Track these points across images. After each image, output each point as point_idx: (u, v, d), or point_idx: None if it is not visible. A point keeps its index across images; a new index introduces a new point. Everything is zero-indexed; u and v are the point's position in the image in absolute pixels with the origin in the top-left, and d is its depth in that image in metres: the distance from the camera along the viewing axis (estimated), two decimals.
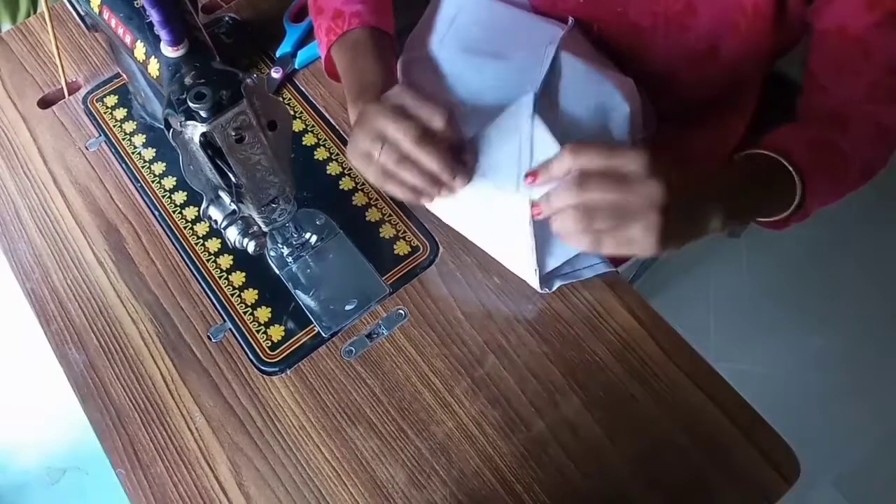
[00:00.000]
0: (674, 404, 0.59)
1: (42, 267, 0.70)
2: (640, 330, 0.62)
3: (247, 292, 0.66)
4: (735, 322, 1.41)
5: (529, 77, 0.64)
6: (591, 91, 0.64)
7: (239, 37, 0.84)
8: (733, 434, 0.57)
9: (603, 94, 0.64)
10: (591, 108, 0.64)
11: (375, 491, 0.57)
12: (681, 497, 0.56)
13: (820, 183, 0.60)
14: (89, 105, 0.80)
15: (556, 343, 0.62)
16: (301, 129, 0.76)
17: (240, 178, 0.53)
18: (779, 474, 0.56)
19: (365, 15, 0.67)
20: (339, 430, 0.60)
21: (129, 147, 0.76)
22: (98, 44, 0.85)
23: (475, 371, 0.61)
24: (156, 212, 0.72)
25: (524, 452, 0.58)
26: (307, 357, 0.63)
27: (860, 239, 1.48)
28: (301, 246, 0.68)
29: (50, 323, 0.67)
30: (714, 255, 1.47)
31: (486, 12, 0.71)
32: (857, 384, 1.34)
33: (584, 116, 0.64)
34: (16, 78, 0.83)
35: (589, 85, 0.64)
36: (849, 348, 1.37)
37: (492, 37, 0.69)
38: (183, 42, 0.54)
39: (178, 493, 0.58)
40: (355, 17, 0.67)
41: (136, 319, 0.66)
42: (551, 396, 0.60)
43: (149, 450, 0.60)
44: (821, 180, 0.60)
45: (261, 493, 0.58)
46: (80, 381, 0.63)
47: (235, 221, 0.58)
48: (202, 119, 0.48)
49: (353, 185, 0.72)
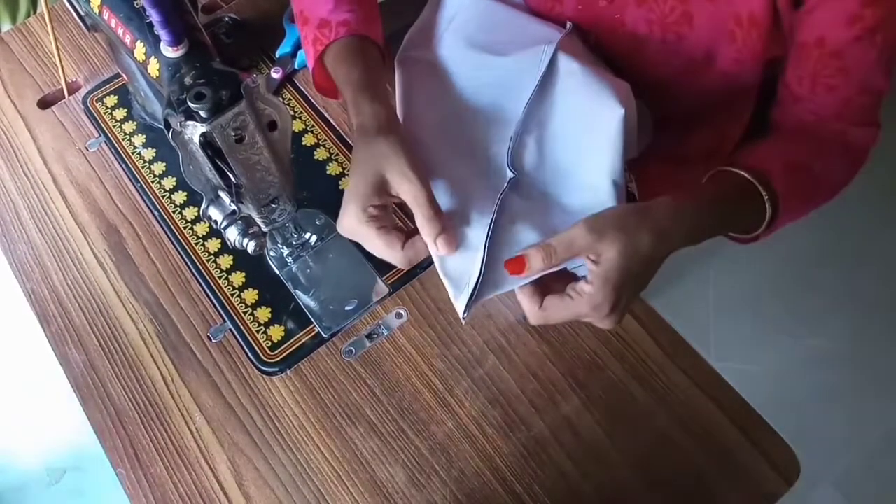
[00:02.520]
0: (674, 404, 0.59)
1: (42, 267, 0.70)
2: (640, 330, 0.62)
3: (247, 292, 0.67)
4: (735, 322, 1.41)
5: (527, 76, 0.64)
6: (586, 93, 0.64)
7: (239, 37, 0.84)
8: (733, 434, 0.57)
9: (598, 96, 0.64)
10: (584, 112, 0.63)
11: (375, 491, 0.57)
12: (680, 497, 0.56)
13: (793, 204, 0.61)
14: (89, 105, 0.80)
15: (556, 343, 0.62)
16: (301, 129, 0.76)
17: (240, 178, 0.53)
18: (779, 474, 0.56)
19: (353, 24, 0.64)
20: (339, 430, 0.60)
21: (129, 147, 0.76)
22: (98, 44, 0.85)
23: (475, 371, 0.61)
24: (156, 212, 0.72)
25: (524, 452, 0.58)
26: (307, 357, 0.63)
27: (860, 239, 1.48)
28: (301, 246, 0.68)
29: (50, 323, 0.67)
30: (714, 255, 1.47)
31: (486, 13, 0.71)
32: (857, 384, 1.34)
33: (577, 120, 0.64)
34: (16, 78, 0.83)
35: (584, 86, 0.64)
36: (849, 348, 1.37)
37: (490, 36, 0.69)
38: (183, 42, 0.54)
39: (178, 493, 0.58)
40: (342, 27, 0.64)
41: (136, 319, 0.66)
42: (551, 396, 0.60)
43: (149, 450, 0.60)
44: (794, 203, 0.61)
45: (261, 493, 0.58)
46: (80, 381, 0.63)
47: (235, 221, 0.58)
48: (202, 119, 0.48)
49: None
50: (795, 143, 0.65)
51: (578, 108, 0.64)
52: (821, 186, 0.65)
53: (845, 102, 0.62)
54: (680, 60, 0.68)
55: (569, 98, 0.64)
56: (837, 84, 0.61)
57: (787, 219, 0.63)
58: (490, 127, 0.65)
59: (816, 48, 0.59)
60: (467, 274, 0.56)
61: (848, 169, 0.66)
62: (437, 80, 0.69)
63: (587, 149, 0.62)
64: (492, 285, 0.56)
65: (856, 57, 0.58)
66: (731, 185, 0.61)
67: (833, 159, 0.64)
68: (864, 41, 0.57)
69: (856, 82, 0.60)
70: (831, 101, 0.62)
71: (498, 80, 0.66)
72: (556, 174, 0.63)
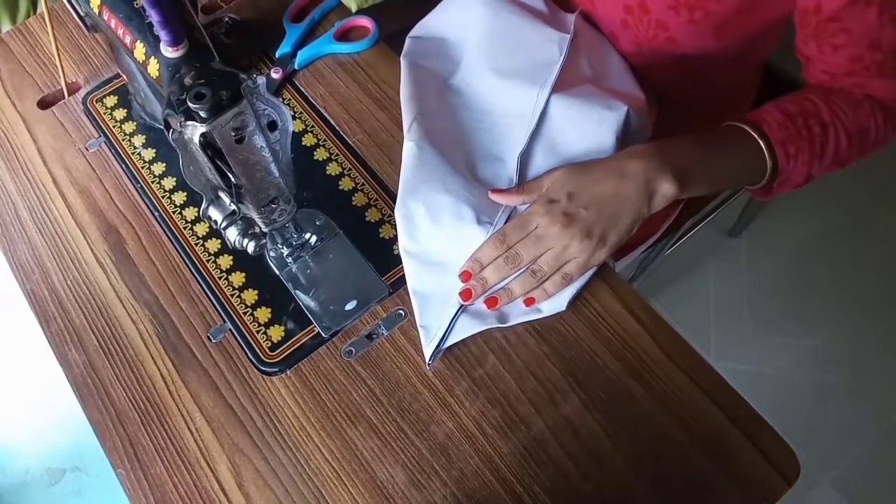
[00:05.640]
0: (674, 404, 0.59)
1: (42, 267, 0.70)
2: (640, 330, 0.62)
3: (247, 293, 0.67)
4: (735, 322, 1.41)
5: (526, 105, 0.68)
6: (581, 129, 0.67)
7: (239, 37, 0.84)
8: (733, 434, 0.57)
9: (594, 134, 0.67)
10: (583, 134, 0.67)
11: (375, 491, 0.57)
12: (680, 497, 0.56)
13: (798, 150, 0.62)
14: (89, 106, 0.80)
15: (555, 343, 0.62)
16: (301, 129, 0.76)
17: (239, 178, 0.53)
18: (779, 474, 0.56)
19: None
20: (339, 431, 0.60)
21: (129, 147, 0.76)
22: (98, 44, 0.85)
23: (475, 371, 0.61)
24: (156, 212, 0.72)
25: (524, 452, 0.58)
26: (307, 357, 0.63)
27: (860, 239, 1.48)
28: (301, 246, 0.68)
29: (50, 323, 0.67)
30: (714, 254, 1.47)
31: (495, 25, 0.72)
32: (857, 384, 1.34)
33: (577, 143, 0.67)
34: (15, 78, 0.83)
35: (582, 120, 0.67)
36: (848, 348, 1.37)
37: (499, 52, 0.71)
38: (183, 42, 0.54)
39: (178, 494, 0.58)
40: None
41: (136, 320, 0.66)
42: (551, 396, 0.60)
43: (149, 450, 0.60)
44: (799, 147, 0.62)
45: (261, 493, 0.58)
46: (80, 382, 0.63)
47: (235, 222, 0.58)
48: (202, 119, 0.48)
49: (352, 186, 0.72)
50: (801, 95, 0.65)
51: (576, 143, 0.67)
52: (833, 133, 0.63)
53: (855, 59, 0.62)
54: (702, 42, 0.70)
55: (567, 135, 0.67)
56: (842, 43, 0.61)
57: (804, 168, 0.64)
58: (492, 157, 0.69)
59: (814, 15, 0.60)
60: (437, 324, 0.61)
61: (878, 121, 0.65)
62: (443, 94, 0.71)
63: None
64: (459, 332, 0.62)
65: (855, 18, 0.59)
66: (723, 131, 0.64)
67: (847, 106, 0.64)
68: (859, 3, 0.57)
69: (862, 40, 0.60)
70: (839, 59, 0.63)
71: (502, 110, 0.70)
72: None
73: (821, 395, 1.33)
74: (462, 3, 0.75)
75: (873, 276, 1.44)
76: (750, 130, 0.62)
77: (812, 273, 1.45)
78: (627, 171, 0.60)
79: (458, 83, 0.72)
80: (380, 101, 0.77)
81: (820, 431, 1.29)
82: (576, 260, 0.60)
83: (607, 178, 0.60)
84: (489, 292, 0.62)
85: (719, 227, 1.48)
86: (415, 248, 0.64)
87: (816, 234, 1.48)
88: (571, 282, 0.61)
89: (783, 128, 0.62)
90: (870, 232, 1.48)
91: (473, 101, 0.71)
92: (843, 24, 0.59)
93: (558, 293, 0.62)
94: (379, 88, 0.78)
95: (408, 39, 0.76)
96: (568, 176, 0.62)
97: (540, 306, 0.62)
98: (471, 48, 0.73)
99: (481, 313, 0.62)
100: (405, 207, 0.64)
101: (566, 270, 0.61)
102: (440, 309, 0.62)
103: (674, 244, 1.07)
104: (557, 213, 0.60)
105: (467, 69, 0.72)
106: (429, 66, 0.73)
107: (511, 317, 0.62)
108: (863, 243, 1.47)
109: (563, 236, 0.59)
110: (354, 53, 0.81)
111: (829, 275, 1.44)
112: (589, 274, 0.63)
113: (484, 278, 0.61)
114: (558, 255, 0.60)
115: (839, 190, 1.50)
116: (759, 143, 0.62)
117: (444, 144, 0.67)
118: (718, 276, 1.46)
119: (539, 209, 0.61)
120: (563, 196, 0.61)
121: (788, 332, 1.39)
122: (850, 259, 1.46)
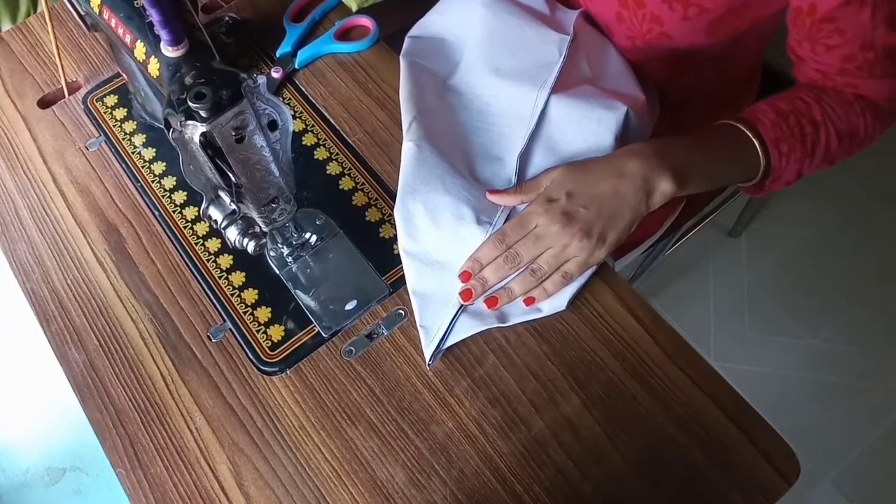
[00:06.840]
0: (674, 404, 0.59)
1: (42, 267, 0.70)
2: (640, 330, 0.62)
3: (247, 292, 0.66)
4: (735, 322, 1.41)
5: (525, 111, 0.68)
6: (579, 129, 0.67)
7: (239, 37, 0.84)
8: (733, 434, 0.57)
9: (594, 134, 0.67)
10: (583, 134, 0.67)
11: (375, 491, 0.57)
12: (680, 497, 0.56)
13: (790, 148, 0.63)
14: (89, 105, 0.80)
15: (556, 343, 0.62)
16: (301, 129, 0.76)
17: (240, 178, 0.53)
18: (779, 474, 0.56)
19: None
20: (339, 430, 0.60)
21: (129, 147, 0.76)
22: (98, 44, 0.85)
23: (475, 371, 0.61)
24: (156, 212, 0.72)
25: (524, 452, 0.58)
26: (307, 357, 0.63)
27: (860, 239, 1.48)
28: (301, 246, 0.68)
29: (50, 323, 0.67)
30: (714, 255, 1.47)
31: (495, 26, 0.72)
32: (857, 384, 1.34)
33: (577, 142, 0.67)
34: (16, 78, 0.83)
35: (581, 120, 0.67)
36: (848, 348, 1.37)
37: (499, 53, 0.71)
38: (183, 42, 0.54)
39: (178, 494, 0.58)
40: None
41: (136, 319, 0.66)
42: (551, 396, 0.60)
43: (149, 450, 0.60)
44: (791, 145, 0.63)
45: (261, 493, 0.58)
46: (80, 381, 0.63)
47: (235, 221, 0.58)
48: (202, 119, 0.48)
49: (352, 185, 0.72)
50: (793, 94, 0.66)
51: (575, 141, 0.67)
52: (824, 132, 0.64)
53: (847, 59, 0.62)
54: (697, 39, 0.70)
55: (567, 135, 0.68)
56: (836, 44, 0.61)
57: (796, 166, 0.64)
58: (491, 157, 0.69)
59: (809, 15, 0.61)
60: (437, 325, 0.62)
61: (868, 121, 0.65)
62: (443, 94, 0.70)
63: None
64: (459, 332, 0.62)
65: (848, 19, 0.59)
66: (719, 129, 0.64)
67: (838, 106, 0.64)
68: (854, 3, 0.57)
69: (855, 40, 0.60)
70: (832, 59, 0.63)
71: (502, 110, 0.70)
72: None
73: (821, 395, 1.33)
74: (461, 3, 0.75)
75: (873, 275, 1.44)
76: (744, 129, 0.63)
77: (812, 273, 1.45)
78: (626, 169, 0.60)
79: (457, 83, 0.72)
80: (380, 101, 0.77)
81: (820, 431, 1.29)
82: (575, 259, 0.60)
83: (606, 176, 0.61)
84: (489, 292, 0.62)
85: (719, 227, 1.48)
86: (414, 247, 0.64)
87: (816, 234, 1.48)
88: (571, 281, 0.62)
89: (776, 126, 0.63)
90: (870, 232, 1.48)
91: (473, 102, 0.71)
92: (837, 24, 0.59)
93: (558, 292, 0.62)
94: (379, 88, 0.78)
95: (407, 39, 0.76)
96: (566, 175, 0.62)
97: (540, 306, 0.62)
98: (470, 48, 0.73)
99: (481, 313, 0.62)
100: (404, 207, 0.64)
101: (566, 269, 0.61)
102: (440, 309, 0.62)
103: (674, 244, 1.07)
104: (556, 212, 0.60)
105: (467, 69, 0.72)
106: (428, 66, 0.73)
107: (511, 316, 0.62)
108: (863, 243, 1.47)
109: (563, 235, 0.59)
110: (355, 53, 0.81)
111: (829, 275, 1.44)
112: (589, 273, 0.63)
113: (484, 278, 0.61)
114: (558, 254, 0.60)
115: (839, 190, 1.50)
116: (754, 142, 0.62)
117: (443, 144, 0.67)
118: (718, 276, 1.46)
119: (538, 208, 0.61)
120: (562, 195, 0.61)
121: (788, 332, 1.39)
122: (850, 259, 1.46)
